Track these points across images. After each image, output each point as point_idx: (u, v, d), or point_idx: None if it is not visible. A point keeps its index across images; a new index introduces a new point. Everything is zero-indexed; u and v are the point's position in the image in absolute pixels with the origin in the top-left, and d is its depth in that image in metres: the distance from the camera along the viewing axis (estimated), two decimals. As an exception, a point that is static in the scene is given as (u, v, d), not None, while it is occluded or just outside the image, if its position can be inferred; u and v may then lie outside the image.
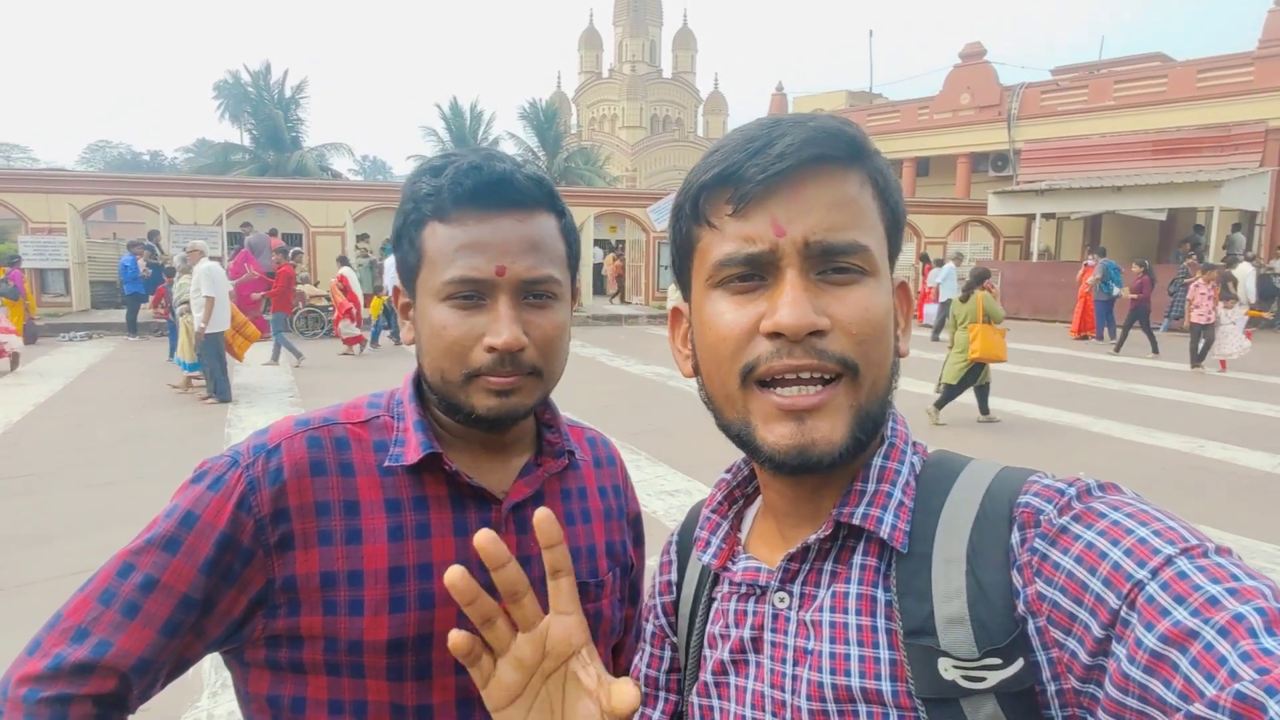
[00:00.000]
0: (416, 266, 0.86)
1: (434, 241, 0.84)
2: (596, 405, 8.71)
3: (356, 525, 0.83)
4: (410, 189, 0.86)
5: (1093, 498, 0.56)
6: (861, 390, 0.60)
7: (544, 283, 0.85)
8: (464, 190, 0.82)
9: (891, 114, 27.75)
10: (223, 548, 0.79)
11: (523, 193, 0.84)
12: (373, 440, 0.87)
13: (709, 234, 0.62)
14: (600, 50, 64.98)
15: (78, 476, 6.03)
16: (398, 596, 0.82)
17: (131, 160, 54.66)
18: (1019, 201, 20.88)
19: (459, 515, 0.87)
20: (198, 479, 0.82)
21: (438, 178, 0.84)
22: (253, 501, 0.80)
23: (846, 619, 0.61)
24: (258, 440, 0.84)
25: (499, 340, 0.81)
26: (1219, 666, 0.43)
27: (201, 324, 8.28)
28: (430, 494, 0.86)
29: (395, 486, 0.86)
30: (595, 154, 34.73)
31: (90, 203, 17.36)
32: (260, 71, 28.17)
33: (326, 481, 0.83)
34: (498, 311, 0.82)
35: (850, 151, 0.61)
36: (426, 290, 0.85)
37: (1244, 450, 7.01)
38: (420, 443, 0.86)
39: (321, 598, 0.81)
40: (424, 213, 0.84)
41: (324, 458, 0.84)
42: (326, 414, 0.89)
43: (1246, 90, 19.66)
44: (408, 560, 0.83)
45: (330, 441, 0.85)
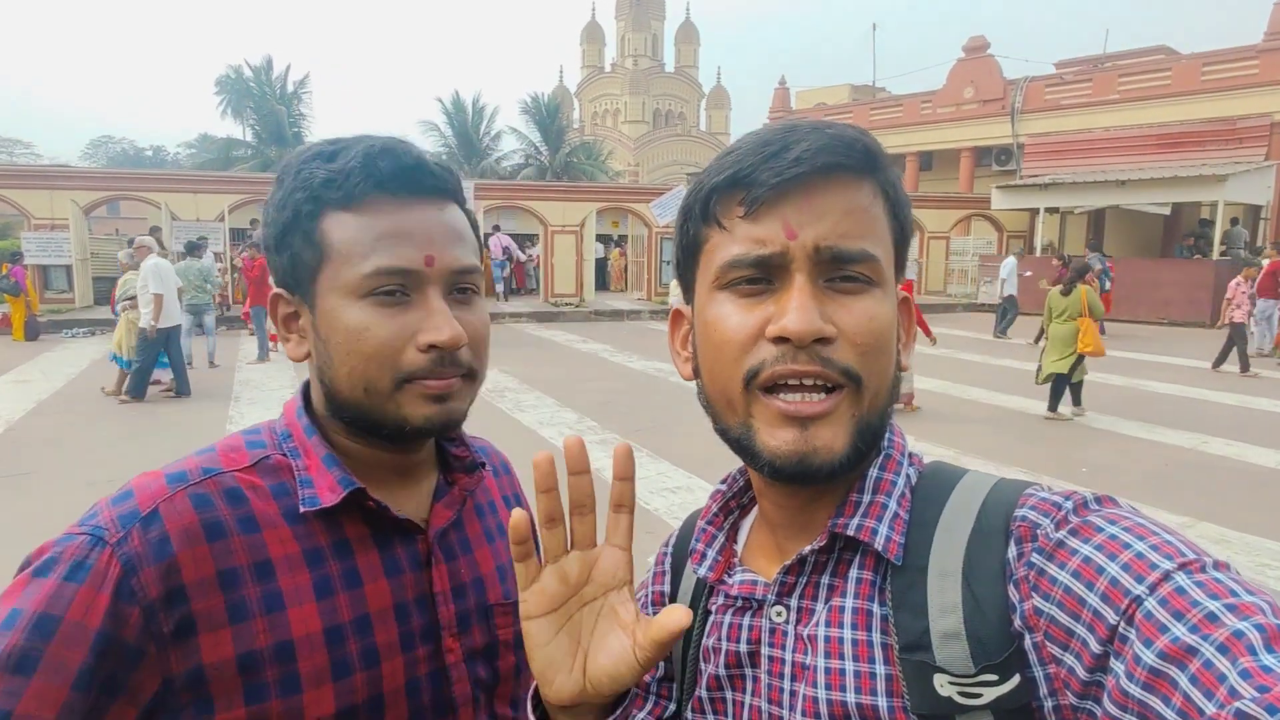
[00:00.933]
0: (316, 264, 0.74)
1: (342, 233, 0.73)
2: (598, 401, 8.71)
3: (275, 589, 0.71)
4: (298, 177, 0.75)
5: (1089, 511, 0.56)
6: (863, 402, 0.60)
7: (471, 274, 0.78)
8: (379, 174, 0.74)
9: (895, 108, 27.68)
10: (102, 653, 0.62)
11: (439, 179, 0.78)
12: (269, 486, 0.74)
13: (718, 235, 0.62)
14: (602, 44, 64.86)
15: (81, 474, 6.04)
16: (340, 660, 0.72)
17: (134, 156, 54.66)
18: (1022, 196, 20.82)
19: (387, 554, 0.78)
20: (43, 570, 0.64)
21: (335, 162, 0.74)
22: (135, 586, 0.64)
23: (842, 633, 0.61)
24: (121, 508, 0.68)
25: (441, 337, 0.73)
26: (1219, 684, 0.43)
27: (152, 321, 8.17)
28: (352, 536, 0.76)
29: (311, 535, 0.74)
30: (597, 148, 34.71)
31: (93, 199, 17.37)
32: (262, 66, 28.19)
33: (228, 545, 0.70)
34: (431, 306, 0.74)
35: (865, 162, 0.61)
36: (335, 289, 0.74)
37: (1248, 446, 7.00)
38: (338, 479, 0.75)
39: (243, 685, 0.68)
40: (323, 201, 0.74)
41: (219, 517, 0.70)
42: (204, 463, 0.74)
43: (1252, 83, 19.57)
44: (343, 616, 0.73)
45: (221, 496, 0.71)
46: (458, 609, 0.82)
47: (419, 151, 0.78)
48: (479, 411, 3.90)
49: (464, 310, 0.77)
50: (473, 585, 0.84)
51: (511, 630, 0.86)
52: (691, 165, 49.61)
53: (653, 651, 0.59)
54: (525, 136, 30.87)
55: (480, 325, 0.79)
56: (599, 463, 6.37)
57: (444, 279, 0.76)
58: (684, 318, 0.70)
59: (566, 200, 20.37)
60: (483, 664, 0.83)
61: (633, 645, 0.60)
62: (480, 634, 0.83)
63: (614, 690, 0.61)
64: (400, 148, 0.76)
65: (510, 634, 0.86)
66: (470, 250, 0.79)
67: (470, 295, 0.79)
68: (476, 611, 0.83)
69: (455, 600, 0.82)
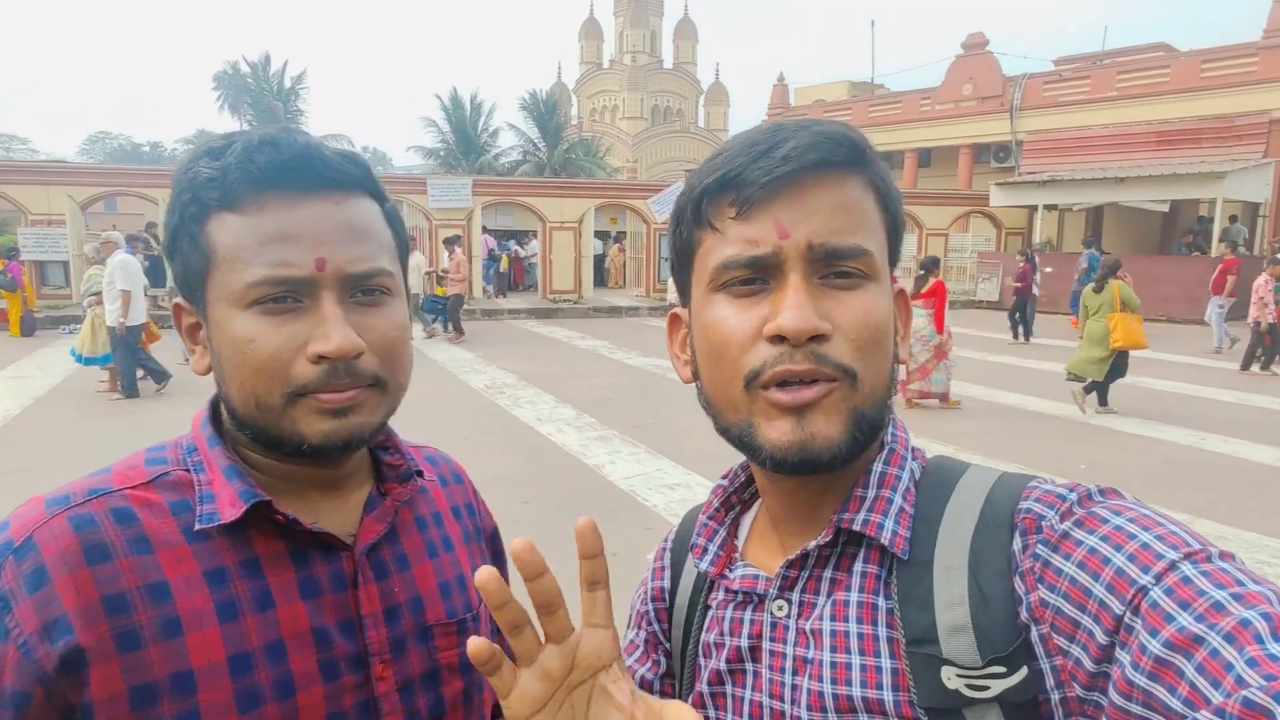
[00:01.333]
0: (204, 270, 0.69)
1: (226, 236, 0.67)
2: (596, 398, 8.71)
3: (171, 613, 0.64)
4: (185, 177, 0.69)
5: (1094, 503, 0.56)
6: (859, 394, 0.60)
7: (375, 276, 0.71)
8: (259, 170, 0.67)
9: (893, 105, 27.68)
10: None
11: (335, 170, 0.70)
12: (167, 502, 0.68)
13: (711, 237, 0.62)
14: (601, 41, 64.79)
15: (79, 471, 6.02)
16: (246, 691, 0.65)
17: (131, 152, 54.59)
18: (1021, 193, 20.84)
19: (304, 572, 0.71)
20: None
21: (220, 159, 0.68)
22: (8, 624, 0.60)
23: (847, 627, 0.61)
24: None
25: (328, 346, 0.66)
26: (1225, 672, 0.43)
27: (120, 318, 8.01)
28: (262, 553, 0.69)
29: (214, 553, 0.67)
30: (596, 145, 34.70)
31: (90, 195, 17.33)
32: (259, 63, 28.19)
33: (115, 568, 0.63)
34: (322, 313, 0.67)
35: (852, 156, 0.61)
36: (222, 298, 0.68)
37: (1246, 444, 7.01)
38: (239, 492, 0.68)
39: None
40: (207, 202, 0.68)
41: (103, 538, 0.64)
42: (92, 483, 0.68)
43: (1250, 81, 19.59)
44: (251, 643, 0.67)
45: (107, 516, 0.65)
46: (390, 632, 0.74)
47: (309, 140, 0.70)
48: (477, 409, 3.94)
49: (368, 315, 0.70)
50: (409, 605, 0.76)
51: (456, 653, 0.78)
52: (690, 162, 49.61)
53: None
54: (524, 133, 30.85)
55: (389, 330, 0.72)
56: (598, 459, 6.38)
57: (339, 282, 0.68)
58: (681, 321, 0.70)
59: (565, 197, 20.34)
60: (422, 693, 0.76)
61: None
62: (418, 659, 0.76)
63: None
64: (285, 138, 0.69)
65: (455, 657, 0.78)
66: (377, 249, 0.72)
67: (379, 298, 0.72)
68: (414, 634, 0.76)
69: (387, 623, 0.74)
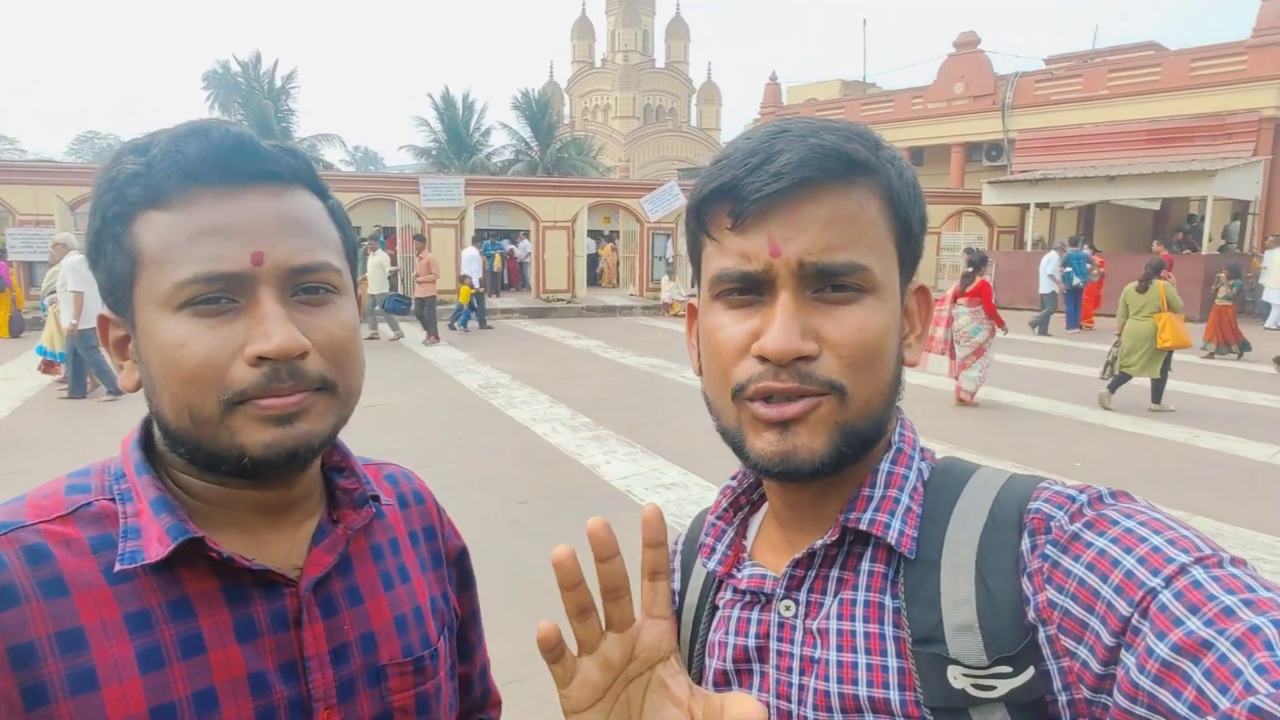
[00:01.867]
0: (130, 274, 0.63)
1: (153, 235, 0.62)
2: (591, 398, 8.70)
3: (86, 664, 0.58)
4: (108, 175, 0.64)
5: (1104, 505, 0.56)
6: (849, 409, 0.60)
7: (319, 271, 0.65)
8: (186, 161, 0.61)
9: (886, 103, 27.74)
10: None
11: (271, 160, 0.65)
12: (88, 539, 0.62)
13: (710, 245, 0.63)
14: (593, 40, 64.78)
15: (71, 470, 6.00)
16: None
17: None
18: (1013, 191, 20.92)
19: (241, 612, 0.65)
20: None
21: (145, 154, 0.63)
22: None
23: (854, 626, 0.61)
24: None
25: (268, 345, 0.61)
26: (1233, 679, 0.42)
27: (72, 320, 7.88)
28: (193, 592, 0.63)
29: (137, 594, 0.61)
30: (588, 144, 34.69)
31: (78, 194, 17.21)
32: (250, 61, 28.05)
33: (22, 614, 0.57)
34: (261, 310, 0.62)
35: (849, 168, 0.59)
36: (150, 301, 0.62)
37: (1239, 440, 7.05)
38: (168, 527, 0.62)
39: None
40: (132, 201, 0.62)
41: (11, 580, 0.58)
42: (2, 515, 0.61)
43: (1240, 79, 19.70)
44: (177, 692, 0.60)
45: (16, 555, 0.59)
46: (337, 675, 0.68)
47: (240, 130, 0.65)
48: (470, 409, 3.92)
49: (313, 314, 0.65)
50: (360, 643, 0.70)
51: (411, 694, 0.73)
52: (682, 161, 49.64)
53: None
54: (516, 132, 30.81)
55: (336, 329, 0.66)
56: (593, 459, 6.37)
57: (279, 278, 0.63)
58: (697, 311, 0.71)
59: (558, 196, 20.32)
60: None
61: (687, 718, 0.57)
62: (369, 703, 0.70)
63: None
64: (214, 128, 0.63)
65: (409, 699, 0.73)
66: (320, 243, 0.67)
67: (324, 295, 0.66)
68: (365, 675, 0.70)
69: (334, 664, 0.68)
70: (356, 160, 51.74)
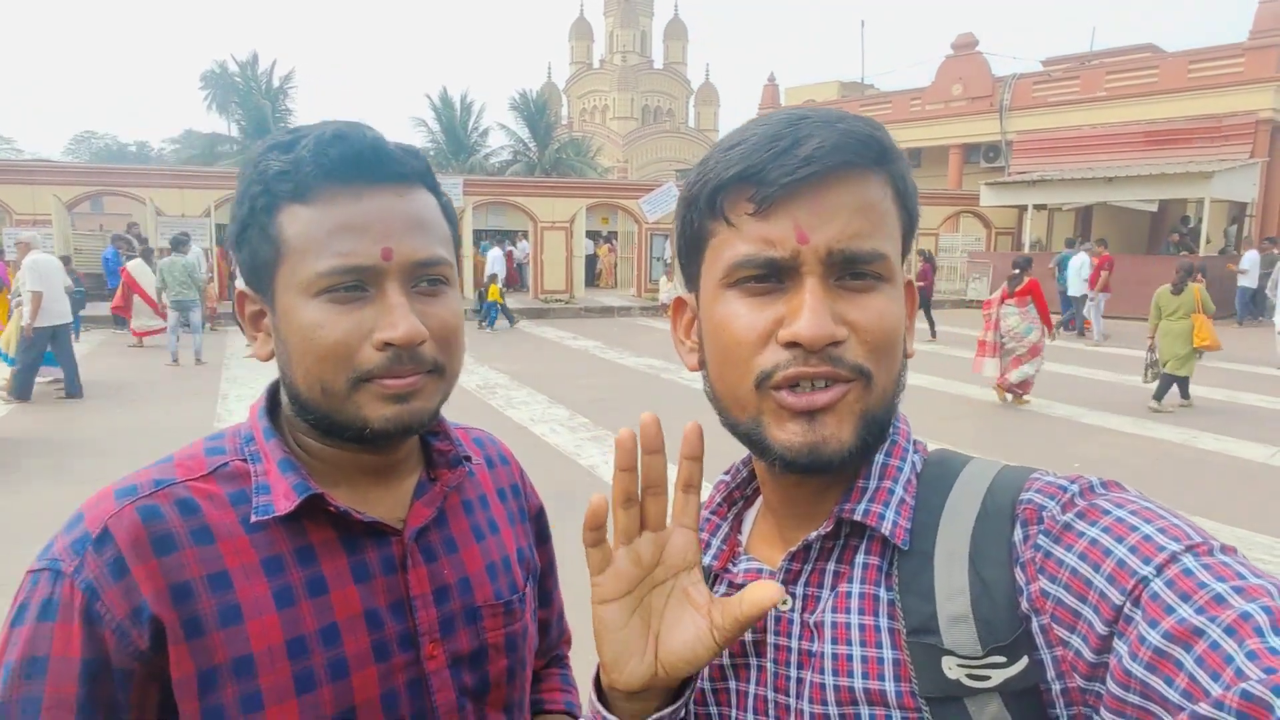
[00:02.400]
0: (274, 261, 0.71)
1: (296, 227, 0.70)
2: (589, 398, 8.70)
3: (232, 601, 0.68)
4: (255, 170, 0.72)
5: (1096, 494, 0.56)
6: (872, 395, 0.60)
7: (436, 265, 0.74)
8: (330, 162, 0.69)
9: (884, 105, 27.74)
10: (93, 679, 0.63)
11: (400, 164, 0.73)
12: (227, 494, 0.72)
13: (726, 231, 0.61)
14: (591, 41, 64.79)
15: (65, 473, 5.99)
16: (303, 674, 0.69)
17: (118, 151, 54.19)
18: (1011, 192, 20.92)
19: (356, 558, 0.74)
20: (18, 618, 0.66)
21: (290, 152, 0.70)
22: (100, 610, 0.64)
23: (849, 619, 0.61)
24: (72, 535, 0.67)
25: (395, 334, 0.69)
26: (1225, 665, 0.42)
27: (29, 319, 7.81)
28: (316, 541, 0.73)
29: (271, 542, 0.71)
30: (586, 145, 34.65)
31: (76, 194, 17.20)
32: (248, 62, 28.00)
33: (180, 558, 0.67)
34: (388, 301, 0.70)
35: (877, 157, 0.60)
36: (291, 288, 0.71)
37: (1237, 441, 7.07)
38: (293, 485, 0.71)
39: (201, 707, 0.66)
40: (278, 194, 0.70)
41: (168, 529, 0.68)
42: (156, 474, 0.72)
43: (1237, 81, 19.74)
44: (307, 627, 0.70)
45: (172, 508, 0.69)
46: (440, 613, 0.78)
47: (376, 135, 0.73)
48: (469, 410, 3.93)
49: (430, 304, 0.73)
50: (458, 586, 0.80)
51: (502, 633, 0.82)
52: (680, 161, 49.62)
53: (734, 631, 0.57)
54: (514, 133, 30.77)
55: (449, 318, 0.75)
56: (592, 459, 6.37)
57: (404, 272, 0.71)
58: (686, 305, 0.70)
59: (555, 196, 20.31)
60: (469, 670, 0.79)
61: (709, 626, 0.58)
62: (467, 638, 0.80)
63: (688, 673, 0.60)
64: (354, 132, 0.71)
65: (500, 637, 0.82)
66: (437, 240, 0.75)
67: (439, 287, 0.75)
68: (462, 614, 0.80)
69: (436, 604, 0.78)
70: (355, 161, 51.56)
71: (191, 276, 10.81)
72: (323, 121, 0.74)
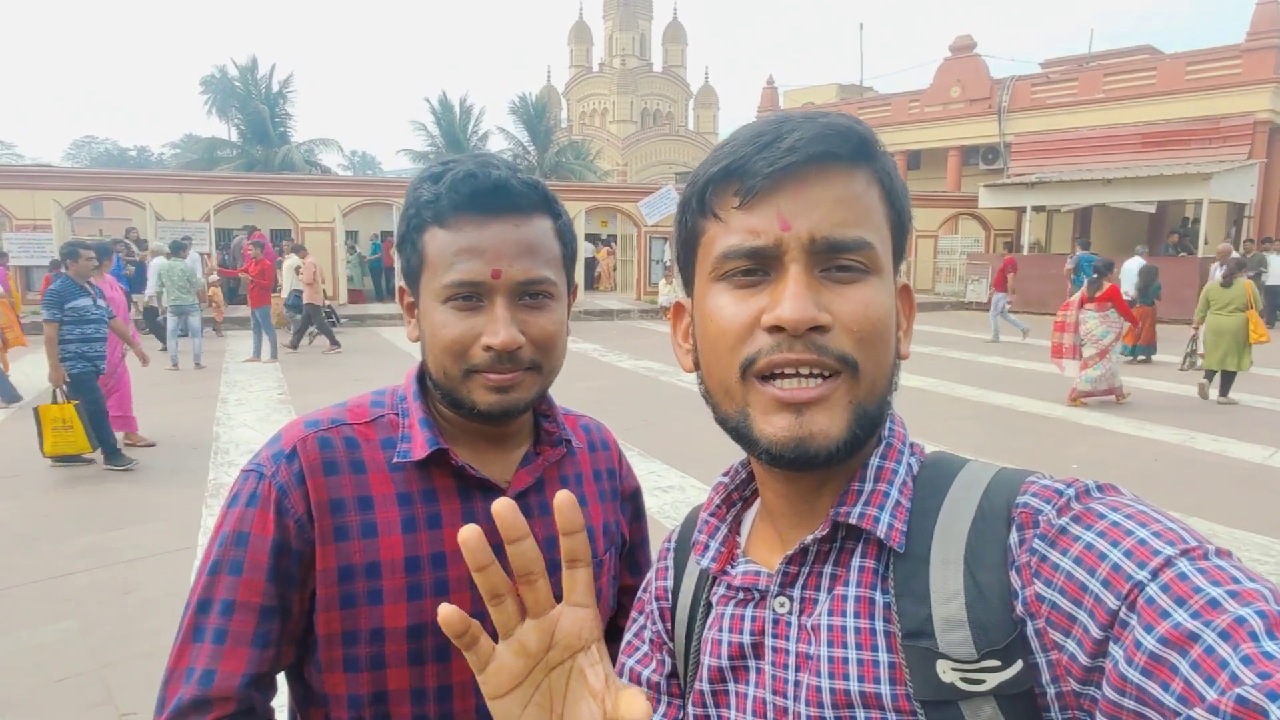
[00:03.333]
0: (419, 269, 0.90)
1: (434, 246, 0.88)
2: (588, 400, 8.69)
3: (371, 519, 0.88)
4: (412, 195, 0.91)
5: (1092, 498, 0.56)
6: (861, 388, 0.60)
7: (539, 284, 0.89)
8: (460, 197, 0.87)
9: (882, 107, 27.79)
10: (279, 554, 0.85)
11: (518, 198, 0.88)
12: (380, 439, 0.93)
13: (714, 226, 0.62)
14: (590, 44, 64.84)
15: (60, 477, 5.99)
16: (414, 585, 0.88)
17: (118, 156, 54.21)
18: (1009, 194, 20.95)
19: (467, 505, 0.93)
20: (233, 502, 0.88)
21: (437, 184, 0.88)
22: (287, 505, 0.86)
23: (845, 622, 0.61)
24: (274, 449, 0.89)
25: (496, 341, 0.85)
26: (1220, 670, 0.42)
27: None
28: (439, 486, 0.92)
29: (405, 481, 0.91)
30: (585, 148, 34.69)
31: (76, 199, 17.20)
32: (247, 66, 27.98)
33: (340, 480, 0.88)
34: (494, 313, 0.87)
35: (858, 150, 0.61)
36: (428, 292, 0.89)
37: (1235, 442, 7.06)
38: (427, 439, 0.91)
39: (339, 592, 0.86)
40: (424, 218, 0.89)
41: (336, 457, 0.89)
42: (334, 414, 0.94)
43: (1234, 83, 19.78)
44: (422, 550, 0.89)
45: (340, 441, 0.91)
46: None
47: (502, 174, 0.88)
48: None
49: (532, 314, 0.89)
50: (544, 543, 0.91)
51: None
52: (680, 165, 49.63)
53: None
54: (513, 136, 30.81)
55: (547, 325, 0.90)
56: (589, 462, 6.35)
57: (510, 289, 0.87)
58: (685, 310, 0.71)
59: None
60: None
61: (603, 715, 0.55)
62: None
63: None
64: (484, 171, 0.88)
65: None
66: (544, 261, 0.89)
67: (542, 300, 0.90)
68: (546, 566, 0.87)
69: None
70: (354, 164, 51.75)
71: (190, 281, 10.81)
72: (464, 156, 0.92)
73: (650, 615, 0.80)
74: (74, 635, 3.55)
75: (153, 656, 3.33)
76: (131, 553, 4.52)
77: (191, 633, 0.83)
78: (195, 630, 0.83)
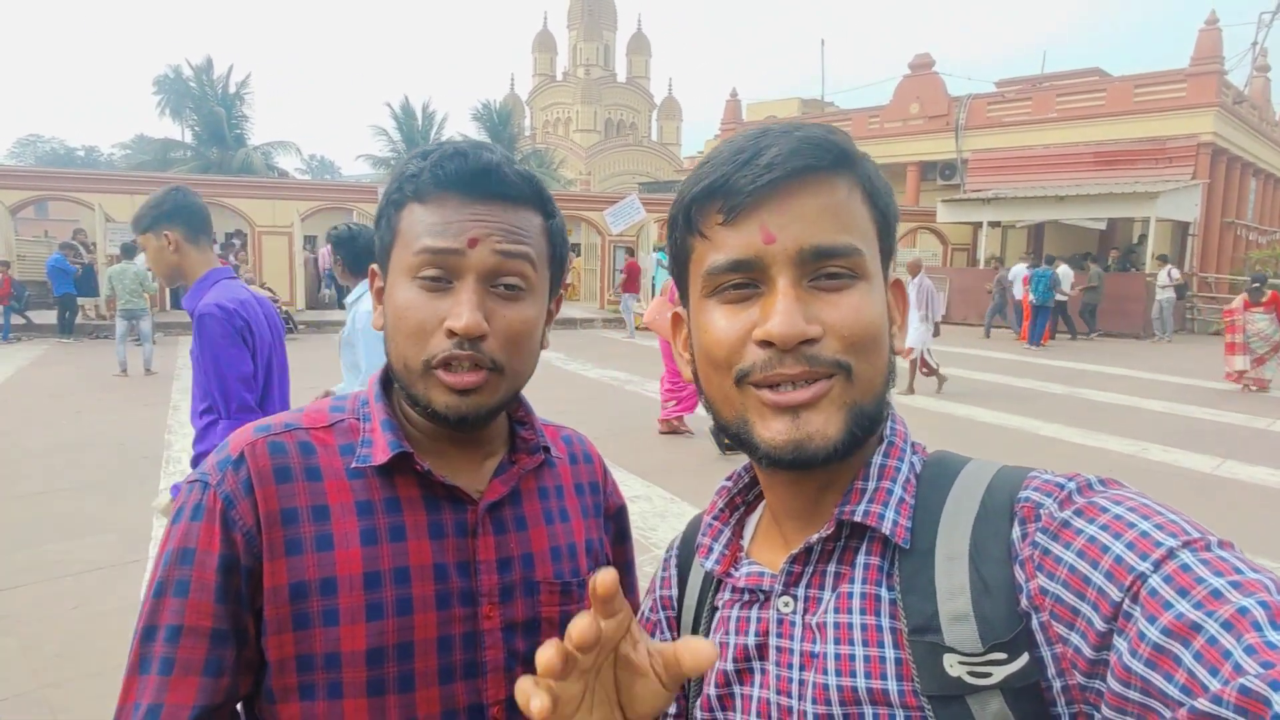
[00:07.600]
0: (390, 245, 0.83)
1: (408, 220, 0.81)
2: (553, 410, 8.52)
3: (327, 530, 0.79)
4: (397, 172, 0.85)
5: (1094, 492, 0.56)
6: (856, 389, 0.60)
7: (515, 270, 0.80)
8: (445, 174, 0.80)
9: (843, 122, 28.21)
10: (227, 571, 0.76)
11: (508, 185, 0.81)
12: (339, 444, 0.84)
13: (701, 244, 0.63)
14: (554, 53, 64.89)
15: (8, 488, 5.76)
16: (374, 603, 0.79)
17: (65, 156, 52.58)
18: (966, 210, 21.43)
19: (434, 517, 0.83)
20: (177, 516, 0.80)
21: (424, 160, 0.82)
22: (234, 516, 0.77)
23: (851, 619, 0.61)
24: (220, 455, 0.81)
25: (458, 324, 0.76)
26: (1223, 660, 0.43)
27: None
28: (403, 495, 0.82)
29: (366, 489, 0.82)
30: (549, 157, 34.66)
31: (19, 198, 16.66)
32: (202, 67, 27.49)
33: (293, 488, 0.79)
34: (460, 295, 0.78)
35: (837, 159, 0.62)
36: (397, 268, 0.82)
37: (1185, 453, 7.27)
38: (389, 442, 0.82)
39: (291, 611, 0.77)
40: (405, 193, 0.82)
41: (289, 463, 0.80)
42: (288, 419, 0.85)
43: (1180, 105, 20.53)
44: (383, 565, 0.80)
45: (295, 446, 0.82)
46: (501, 579, 0.85)
47: (495, 158, 0.82)
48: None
49: (503, 305, 0.80)
50: (521, 560, 0.87)
51: (557, 610, 0.88)
52: (643, 175, 49.86)
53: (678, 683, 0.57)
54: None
55: (516, 322, 0.81)
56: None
57: (483, 270, 0.79)
58: (683, 320, 0.72)
59: (519, 208, 20.13)
60: (522, 637, 0.85)
61: (662, 685, 0.57)
62: (523, 608, 0.86)
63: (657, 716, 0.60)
64: (474, 152, 0.81)
65: (555, 613, 0.88)
66: (524, 249, 0.81)
67: (516, 293, 0.81)
68: (521, 585, 0.86)
69: (499, 571, 0.85)
70: (312, 169, 50.96)
71: (142, 284, 10.53)
72: (460, 139, 0.84)
73: (656, 625, 0.80)
74: (14, 653, 3.41)
75: (101, 676, 3.20)
76: (79, 566, 4.35)
77: (138, 664, 0.75)
78: (141, 661, 0.75)
